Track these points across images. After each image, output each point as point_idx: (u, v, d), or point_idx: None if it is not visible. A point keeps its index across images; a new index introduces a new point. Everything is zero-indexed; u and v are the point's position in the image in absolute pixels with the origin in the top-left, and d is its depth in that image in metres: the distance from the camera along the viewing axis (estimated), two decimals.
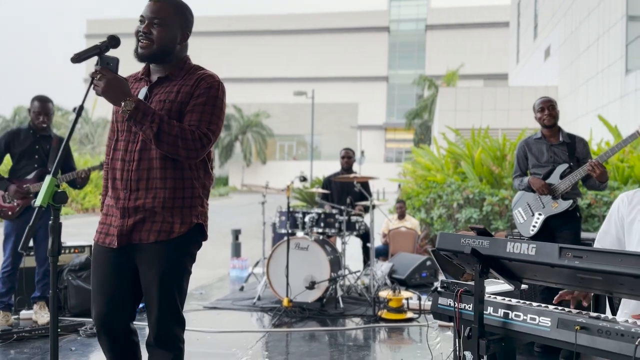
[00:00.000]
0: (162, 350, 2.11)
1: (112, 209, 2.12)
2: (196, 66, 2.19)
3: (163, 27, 2.06)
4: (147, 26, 2.06)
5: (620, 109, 12.32)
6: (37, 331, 3.85)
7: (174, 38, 2.10)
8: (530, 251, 1.97)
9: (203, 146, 2.04)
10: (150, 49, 2.06)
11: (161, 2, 2.08)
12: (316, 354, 3.59)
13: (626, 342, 1.77)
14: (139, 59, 2.10)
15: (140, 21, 2.08)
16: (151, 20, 2.06)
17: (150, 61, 2.13)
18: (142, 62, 2.13)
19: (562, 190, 3.52)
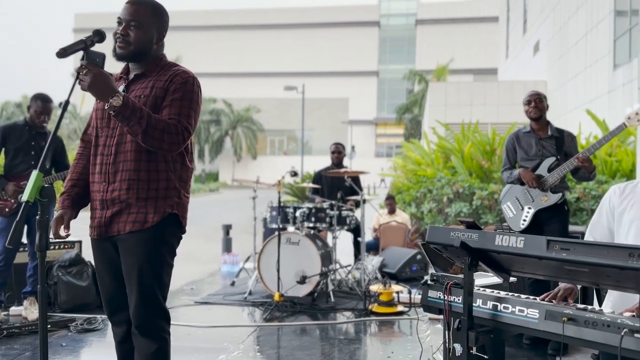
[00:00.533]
0: (145, 339, 2.14)
1: (94, 202, 2.19)
2: (171, 63, 2.25)
3: (140, 30, 2.11)
4: (125, 28, 2.10)
5: (608, 103, 12.44)
6: (27, 327, 3.84)
7: (151, 39, 2.16)
8: (519, 244, 2.00)
9: (184, 139, 2.11)
10: (127, 50, 2.12)
11: (137, 4, 2.12)
12: (307, 347, 3.61)
13: (612, 333, 1.80)
14: (116, 58, 2.16)
15: (118, 23, 2.13)
16: (128, 22, 2.10)
17: (127, 61, 2.20)
18: (119, 61, 2.20)
19: (551, 183, 3.55)
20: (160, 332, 2.16)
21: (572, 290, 2.18)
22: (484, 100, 18.96)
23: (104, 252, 2.21)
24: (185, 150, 2.21)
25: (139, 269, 2.10)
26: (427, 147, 13.51)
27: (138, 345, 2.16)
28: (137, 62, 2.19)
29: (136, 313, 2.12)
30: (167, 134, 2.03)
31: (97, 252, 2.24)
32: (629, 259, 1.73)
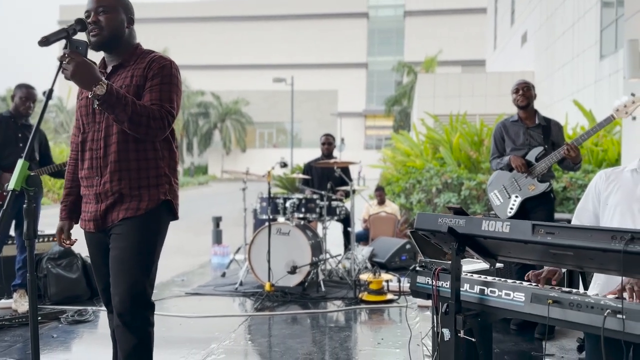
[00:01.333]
0: (128, 332, 2.09)
1: (88, 196, 2.20)
2: (147, 50, 2.24)
3: (109, 14, 2.12)
4: (95, 15, 2.11)
5: (594, 93, 12.56)
6: (17, 319, 3.83)
7: (122, 22, 2.16)
8: (505, 229, 2.03)
9: (169, 123, 2.12)
10: (101, 36, 2.11)
11: None
12: (299, 335, 3.65)
13: (596, 314, 1.85)
14: (94, 48, 2.14)
15: (87, 16, 2.13)
16: (96, 9, 2.11)
17: (104, 48, 2.18)
18: (97, 51, 2.18)
19: (539, 172, 3.59)
20: (143, 324, 2.12)
21: (556, 272, 2.22)
22: (472, 92, 19.06)
23: (99, 243, 2.22)
24: (171, 137, 2.23)
25: (128, 258, 2.09)
26: (416, 138, 13.57)
27: (120, 337, 2.12)
28: (113, 51, 2.18)
29: (121, 301, 2.08)
30: (152, 119, 2.04)
31: (93, 244, 2.25)
32: (611, 241, 1.77)
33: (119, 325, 2.11)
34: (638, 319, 1.76)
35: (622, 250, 1.73)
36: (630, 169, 2.18)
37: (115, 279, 2.11)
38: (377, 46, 48.31)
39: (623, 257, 1.74)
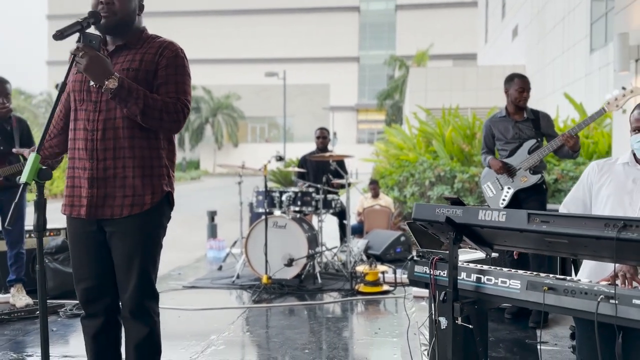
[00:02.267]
0: (139, 323, 2.12)
1: (78, 179, 2.11)
2: (154, 35, 2.20)
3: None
4: None
5: (585, 86, 12.67)
6: (16, 314, 3.85)
7: (134, 8, 2.12)
8: (501, 218, 2.08)
9: (185, 117, 2.10)
10: (113, 19, 2.05)
11: None
12: (296, 327, 3.70)
13: (589, 300, 1.90)
14: (102, 30, 2.08)
15: None
16: None
17: (113, 32, 2.11)
18: (105, 34, 2.10)
19: (532, 164, 3.65)
20: (152, 315, 2.15)
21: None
22: (464, 85, 19.14)
23: (89, 237, 2.11)
24: None
25: (138, 254, 2.08)
26: (408, 132, 13.63)
27: (130, 330, 2.14)
28: (120, 34, 2.12)
29: (132, 296, 2.09)
30: (165, 113, 2.02)
31: (79, 235, 2.14)
32: (604, 229, 1.82)
33: (128, 318, 2.13)
34: (630, 304, 1.82)
35: (615, 237, 1.79)
36: (622, 162, 2.24)
37: (124, 274, 2.10)
38: (369, 40, 48.29)
39: (616, 244, 1.80)
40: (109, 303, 2.18)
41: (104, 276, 2.14)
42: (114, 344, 2.24)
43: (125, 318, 2.15)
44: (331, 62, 46.48)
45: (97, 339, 2.20)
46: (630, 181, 2.18)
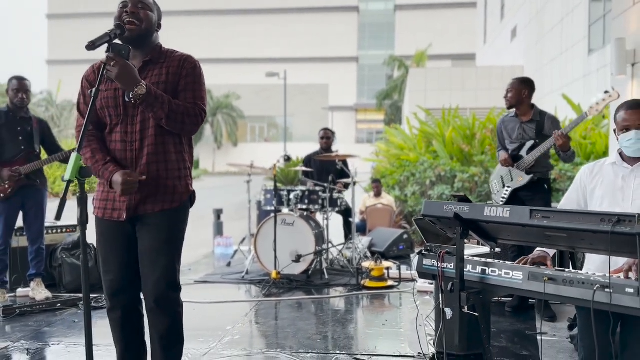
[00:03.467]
0: (163, 314, 2.29)
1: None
2: (170, 49, 2.39)
3: (146, 10, 2.26)
4: (134, 7, 2.22)
5: (583, 88, 12.85)
6: (37, 306, 4.01)
7: (155, 21, 2.32)
8: (505, 214, 2.26)
9: (202, 120, 2.32)
10: (139, 30, 2.23)
11: None
12: (307, 318, 3.87)
13: (586, 289, 2.07)
14: (126, 41, 2.21)
15: (123, 5, 2.23)
16: (136, 4, 2.23)
17: (136, 43, 2.26)
18: (129, 43, 2.22)
19: (527, 164, 3.82)
20: (175, 306, 2.32)
21: (546, 258, 2.39)
22: (463, 86, 19.32)
23: (121, 233, 2.27)
24: None
25: (165, 246, 2.25)
26: (409, 132, 13.79)
27: (155, 320, 2.29)
28: (140, 46, 2.28)
29: (157, 287, 2.24)
30: (187, 116, 2.23)
31: (112, 233, 2.28)
32: (600, 223, 1.99)
33: (153, 309, 2.28)
34: (623, 292, 1.99)
35: (609, 231, 1.96)
36: (610, 163, 2.40)
37: (149, 266, 2.25)
38: (368, 40, 48.45)
39: (611, 237, 1.97)
40: (134, 294, 2.35)
41: (130, 269, 2.30)
42: (139, 333, 2.41)
43: (149, 309, 2.30)
44: (330, 62, 46.62)
45: (125, 329, 2.36)
46: (619, 179, 2.34)
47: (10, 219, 4.21)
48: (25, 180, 4.19)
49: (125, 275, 2.31)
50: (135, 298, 2.38)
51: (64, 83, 32.10)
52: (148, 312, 2.33)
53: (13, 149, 4.19)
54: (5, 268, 4.27)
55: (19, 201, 4.22)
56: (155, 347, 2.33)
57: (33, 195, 4.28)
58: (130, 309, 2.36)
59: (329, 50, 46.66)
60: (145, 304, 2.32)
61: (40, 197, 4.33)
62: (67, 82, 39.59)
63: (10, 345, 3.29)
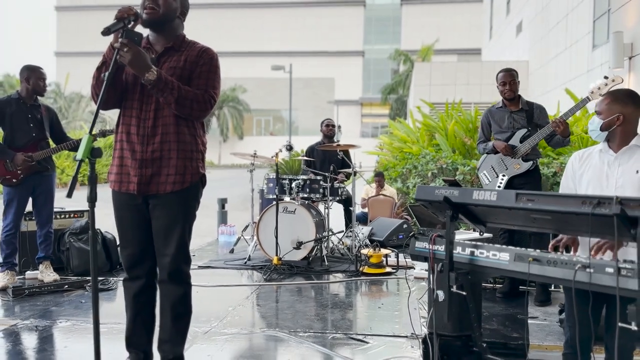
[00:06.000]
0: (175, 285, 2.47)
1: (127, 160, 2.42)
2: (192, 41, 2.54)
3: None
4: None
5: (587, 82, 12.85)
6: (46, 287, 4.15)
7: (176, 9, 2.45)
8: (492, 197, 2.36)
9: (211, 106, 2.44)
10: (156, 14, 2.37)
11: None
12: (305, 302, 3.99)
13: (568, 269, 2.17)
14: (145, 24, 2.39)
15: None
16: None
17: (153, 27, 2.43)
18: (147, 27, 2.42)
19: (524, 151, 3.92)
20: (187, 278, 2.51)
21: (574, 240, 2.45)
22: (468, 80, 19.34)
23: (134, 207, 2.43)
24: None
25: (177, 224, 2.40)
26: (412, 125, 13.87)
27: (167, 291, 2.47)
28: (161, 33, 2.43)
29: (171, 262, 2.42)
30: (195, 102, 2.35)
31: (126, 207, 2.44)
32: (582, 205, 2.09)
33: (165, 280, 2.45)
34: (603, 272, 2.08)
35: (590, 213, 2.06)
36: (598, 150, 2.51)
37: (162, 243, 2.42)
38: (374, 34, 48.38)
39: (593, 219, 2.07)
40: (149, 268, 2.52)
41: (145, 244, 2.47)
42: (150, 304, 2.57)
43: (162, 281, 2.48)
44: (336, 56, 46.62)
45: (137, 299, 2.53)
46: (605, 165, 2.44)
47: (20, 204, 4.35)
48: (37, 166, 4.32)
49: (141, 250, 2.48)
50: (150, 271, 2.54)
51: (72, 75, 32.31)
52: (161, 283, 2.50)
53: (25, 135, 4.32)
54: (14, 251, 4.40)
55: (30, 186, 4.35)
56: (166, 317, 2.49)
57: (43, 181, 4.41)
58: (145, 280, 2.52)
59: (335, 44, 46.64)
60: (159, 275, 2.49)
61: (49, 183, 4.47)
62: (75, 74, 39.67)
63: (20, 323, 3.43)
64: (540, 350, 3.07)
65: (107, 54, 2.31)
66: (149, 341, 2.59)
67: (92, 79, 2.36)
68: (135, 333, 2.56)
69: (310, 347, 2.99)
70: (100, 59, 2.35)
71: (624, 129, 2.40)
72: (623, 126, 2.39)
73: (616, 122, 2.39)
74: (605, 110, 2.43)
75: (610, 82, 3.51)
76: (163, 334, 2.52)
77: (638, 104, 2.43)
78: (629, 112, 2.39)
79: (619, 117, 2.38)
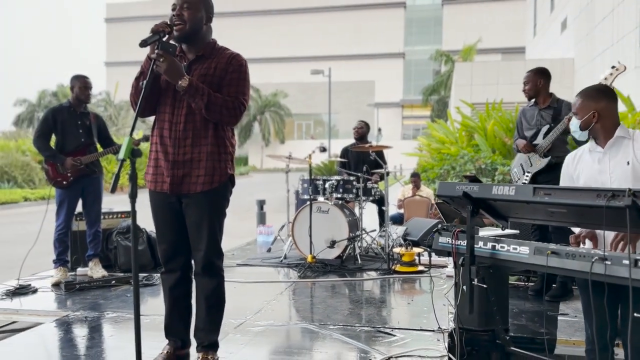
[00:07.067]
0: (209, 278, 2.66)
1: (161, 161, 2.62)
2: (223, 47, 2.70)
3: (191, 10, 2.55)
4: (179, 9, 2.54)
5: (635, 79, 12.44)
6: (95, 283, 4.44)
7: (201, 19, 2.60)
8: (511, 192, 2.43)
9: (241, 112, 2.60)
10: (183, 30, 2.53)
11: None
12: (336, 297, 4.11)
13: (585, 262, 2.21)
14: (175, 40, 2.56)
15: (173, 9, 2.56)
16: (182, 4, 2.55)
17: (184, 41, 2.60)
18: (178, 42, 2.59)
19: (545, 148, 3.92)
20: (219, 271, 2.69)
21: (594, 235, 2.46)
22: (510, 79, 18.96)
23: (169, 206, 2.62)
24: None
25: (208, 221, 2.58)
26: (451, 126, 13.77)
27: (201, 283, 2.66)
28: (192, 43, 2.60)
29: (204, 256, 2.60)
30: (224, 108, 2.52)
31: (161, 205, 2.64)
32: (596, 198, 2.14)
33: (200, 274, 2.64)
34: (619, 264, 2.11)
35: (604, 205, 2.10)
36: (587, 149, 2.54)
37: (196, 239, 2.60)
38: (415, 35, 48.04)
39: (607, 212, 2.11)
40: (184, 261, 2.71)
41: (179, 239, 2.66)
42: (186, 295, 2.77)
43: (197, 274, 2.67)
44: (376, 58, 46.53)
45: (173, 291, 2.73)
46: (596, 163, 2.47)
47: (71, 205, 4.66)
48: (85, 170, 4.63)
49: (176, 245, 2.67)
50: (186, 264, 2.73)
51: (121, 84, 33.58)
52: (196, 276, 2.69)
53: (74, 140, 4.62)
54: (66, 249, 4.72)
55: (79, 188, 4.66)
56: (201, 307, 2.69)
57: (91, 183, 4.71)
58: (180, 273, 2.72)
59: (375, 46, 46.58)
60: (194, 269, 2.68)
61: (97, 185, 4.77)
62: (125, 83, 41.04)
63: (71, 314, 3.70)
64: (567, 345, 3.08)
65: (145, 65, 2.52)
66: (185, 329, 2.78)
67: (131, 88, 2.57)
68: (173, 322, 2.75)
69: (338, 339, 3.11)
70: (139, 69, 2.56)
71: (603, 124, 2.43)
72: (601, 121, 2.43)
73: (593, 119, 2.44)
74: (580, 110, 2.48)
75: (615, 72, 3.51)
76: (198, 322, 2.70)
77: (610, 97, 2.46)
78: (602, 106, 2.42)
79: (594, 114, 2.43)
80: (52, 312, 3.79)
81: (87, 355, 2.97)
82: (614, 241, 2.35)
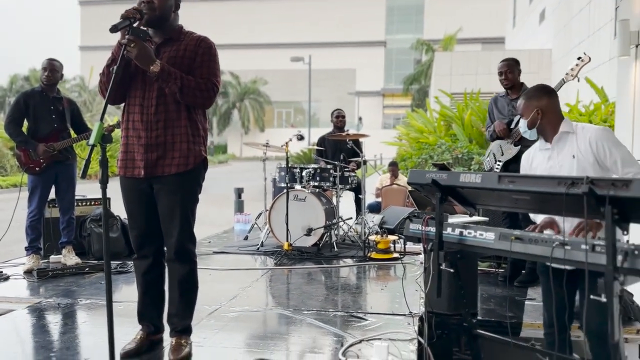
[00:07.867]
0: (181, 264, 2.67)
1: (132, 146, 2.62)
2: (189, 31, 2.71)
3: None
4: None
5: (609, 71, 12.67)
6: (68, 269, 4.41)
7: (171, 6, 2.62)
8: (477, 179, 2.49)
9: (215, 94, 2.62)
10: (153, 15, 2.52)
11: None
12: (314, 284, 4.17)
13: (547, 247, 2.29)
14: (145, 25, 2.55)
15: None
16: None
17: (152, 26, 2.60)
18: (148, 27, 2.58)
19: (516, 136, 4.01)
20: (192, 256, 2.71)
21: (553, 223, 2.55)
22: (489, 70, 19.13)
23: (140, 193, 2.62)
24: None
25: (180, 206, 2.59)
26: (430, 116, 13.89)
27: (174, 269, 2.68)
28: (160, 28, 2.61)
29: (176, 241, 2.61)
30: (198, 90, 2.53)
31: (133, 191, 2.63)
32: (557, 186, 2.21)
33: (172, 259, 2.65)
34: (578, 249, 2.19)
35: (564, 192, 2.17)
36: (537, 148, 2.69)
37: (170, 222, 2.60)
38: (396, 24, 48.05)
39: (567, 199, 2.18)
40: (156, 247, 2.73)
41: (151, 225, 2.67)
42: (158, 281, 2.78)
43: (170, 259, 2.68)
44: (357, 46, 46.46)
45: (146, 276, 2.75)
46: (547, 160, 2.61)
47: (44, 191, 4.61)
48: (58, 156, 4.58)
49: (148, 231, 2.68)
50: (158, 250, 2.75)
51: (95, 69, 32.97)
52: (168, 261, 2.70)
53: (47, 126, 4.56)
54: (39, 236, 4.68)
55: (52, 175, 4.61)
56: (174, 292, 2.71)
57: (65, 169, 4.67)
58: (152, 259, 2.73)
59: (356, 34, 46.47)
60: (167, 254, 2.69)
61: (71, 171, 4.72)
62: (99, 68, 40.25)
63: (44, 301, 3.69)
64: (532, 328, 3.19)
65: (116, 51, 2.51)
66: (158, 315, 2.80)
67: (101, 75, 2.56)
68: (146, 307, 2.77)
69: (312, 324, 3.17)
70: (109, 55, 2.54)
71: (548, 120, 2.57)
72: (546, 118, 2.57)
73: (538, 117, 2.58)
74: (524, 111, 2.62)
75: (581, 63, 3.63)
76: (172, 308, 2.73)
77: (550, 94, 2.61)
78: (544, 104, 2.57)
79: (538, 111, 2.57)
80: (25, 299, 3.77)
81: (60, 340, 2.97)
82: (576, 229, 2.43)
